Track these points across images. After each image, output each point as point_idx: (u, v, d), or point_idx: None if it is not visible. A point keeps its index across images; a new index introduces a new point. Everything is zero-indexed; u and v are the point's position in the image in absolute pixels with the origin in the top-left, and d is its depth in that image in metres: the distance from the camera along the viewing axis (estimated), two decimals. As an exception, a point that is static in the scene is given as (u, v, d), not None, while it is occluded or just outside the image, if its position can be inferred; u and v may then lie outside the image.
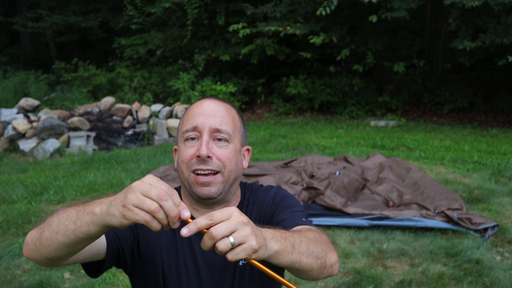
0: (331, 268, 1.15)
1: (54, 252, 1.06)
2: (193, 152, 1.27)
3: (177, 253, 1.34)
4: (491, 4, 9.19)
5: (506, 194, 5.29)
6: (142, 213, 0.91)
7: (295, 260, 1.04)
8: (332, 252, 1.17)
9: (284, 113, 12.34)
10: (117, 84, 13.56)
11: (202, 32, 13.19)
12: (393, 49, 12.01)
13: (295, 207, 1.38)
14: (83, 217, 0.99)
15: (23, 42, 19.57)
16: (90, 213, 0.98)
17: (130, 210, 0.91)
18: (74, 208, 1.04)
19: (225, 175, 1.28)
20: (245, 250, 0.93)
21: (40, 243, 1.06)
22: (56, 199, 5.34)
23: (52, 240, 1.03)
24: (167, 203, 0.91)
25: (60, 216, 1.04)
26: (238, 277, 1.33)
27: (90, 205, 1.01)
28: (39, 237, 1.07)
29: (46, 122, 8.01)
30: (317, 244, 1.12)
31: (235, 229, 0.93)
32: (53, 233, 1.03)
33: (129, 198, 0.92)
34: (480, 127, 10.39)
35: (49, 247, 1.05)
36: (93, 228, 0.99)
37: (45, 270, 3.61)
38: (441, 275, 3.50)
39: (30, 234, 1.11)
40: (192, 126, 1.29)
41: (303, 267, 1.06)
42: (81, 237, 1.01)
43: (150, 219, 0.91)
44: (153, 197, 0.91)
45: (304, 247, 1.07)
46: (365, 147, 8.08)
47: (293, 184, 5.17)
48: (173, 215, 0.92)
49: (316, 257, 1.10)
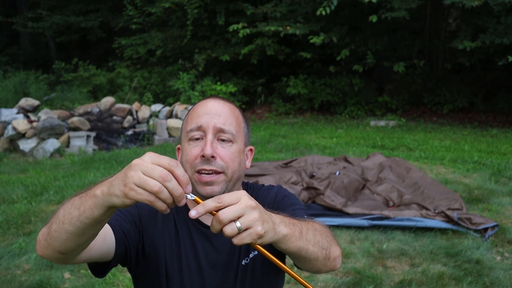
0: (334, 261, 1.16)
1: (64, 244, 1.05)
2: (198, 152, 1.27)
3: (180, 252, 1.34)
4: (491, 4, 9.19)
5: (506, 194, 5.29)
6: (146, 193, 0.89)
7: (302, 247, 1.04)
8: (336, 246, 1.18)
9: (284, 113, 12.34)
10: (117, 84, 13.56)
11: (202, 32, 13.20)
12: (393, 49, 12.02)
13: (297, 205, 1.39)
14: (85, 201, 0.99)
15: (23, 42, 19.56)
16: (92, 196, 0.97)
17: (132, 189, 0.89)
18: (78, 195, 1.04)
19: (228, 175, 1.28)
20: (250, 235, 0.93)
21: (50, 237, 1.05)
22: (56, 199, 5.34)
23: (60, 231, 1.03)
24: (170, 183, 0.89)
25: (65, 206, 1.04)
26: (241, 276, 1.33)
27: (92, 188, 1.00)
28: (48, 232, 1.06)
29: (46, 122, 8.01)
30: (322, 234, 1.13)
31: (242, 213, 0.93)
32: (60, 223, 1.02)
33: (130, 177, 0.90)
34: (480, 127, 10.39)
35: (59, 239, 1.04)
36: (96, 212, 0.97)
37: (45, 270, 3.61)
38: (441, 275, 3.50)
39: (41, 231, 1.11)
40: (197, 125, 1.29)
41: (309, 255, 1.07)
42: (87, 222, 0.99)
43: (154, 199, 0.89)
44: (155, 177, 0.89)
45: (311, 235, 1.08)
46: (365, 147, 8.08)
47: (293, 184, 5.17)
48: (178, 194, 0.90)
49: (322, 247, 1.10)
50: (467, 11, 9.87)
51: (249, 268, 1.33)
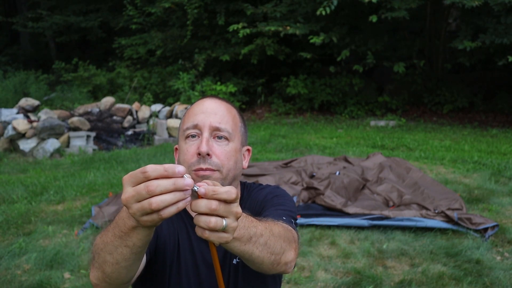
0: (285, 265, 1.14)
1: (127, 276, 1.06)
2: (194, 150, 1.28)
3: (179, 252, 1.35)
4: (491, 4, 9.19)
5: (506, 194, 5.29)
6: (155, 215, 0.86)
7: (247, 251, 1.02)
8: (292, 251, 1.15)
9: (284, 113, 12.34)
10: (117, 84, 13.56)
11: (202, 32, 13.20)
12: (393, 49, 12.02)
13: (282, 206, 1.36)
14: (129, 237, 0.95)
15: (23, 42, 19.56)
16: (132, 229, 0.93)
17: (143, 221, 0.87)
18: (110, 235, 0.99)
19: (224, 173, 1.29)
20: (221, 238, 0.89)
21: (110, 278, 1.05)
22: (56, 199, 5.34)
23: (119, 270, 1.03)
24: (159, 187, 0.84)
25: (107, 250, 1.01)
26: (233, 275, 1.34)
27: (123, 224, 0.95)
28: (103, 275, 1.05)
29: (46, 122, 8.01)
30: (278, 240, 1.10)
31: (228, 216, 0.90)
32: (114, 265, 1.01)
33: (133, 214, 0.87)
34: (480, 127, 10.39)
35: (120, 276, 1.04)
36: (145, 238, 0.95)
37: (45, 270, 3.61)
38: (441, 275, 3.50)
39: (93, 276, 1.09)
40: (193, 124, 1.30)
41: (253, 259, 1.05)
42: (140, 250, 0.99)
43: (164, 212, 0.86)
44: (146, 197, 0.85)
45: (262, 241, 1.04)
46: (365, 147, 8.08)
47: (293, 184, 5.17)
48: (173, 187, 0.85)
49: (272, 252, 1.08)
50: (467, 11, 9.87)
51: (240, 267, 1.33)
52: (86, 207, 5.02)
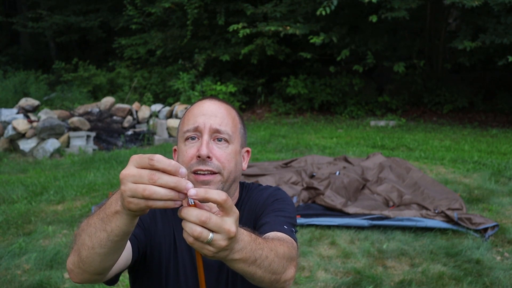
0: (284, 283, 1.13)
1: (101, 266, 1.04)
2: (194, 152, 1.27)
3: (177, 252, 1.35)
4: (491, 4, 9.19)
5: (506, 194, 5.29)
6: (142, 201, 0.86)
7: (249, 271, 1.02)
8: (291, 269, 1.14)
9: (284, 113, 12.34)
10: (117, 84, 13.56)
11: (202, 32, 13.20)
12: (393, 49, 12.01)
13: (282, 211, 1.35)
14: (109, 221, 0.96)
15: (23, 42, 19.57)
16: (115, 213, 0.94)
17: (130, 202, 0.87)
18: (95, 218, 1.00)
19: (224, 176, 1.28)
20: (206, 250, 0.89)
21: (84, 264, 1.04)
22: (56, 199, 5.34)
23: (93, 256, 1.02)
24: (161, 179, 0.84)
25: (88, 231, 1.01)
26: (231, 276, 1.33)
27: (108, 206, 0.97)
28: (79, 259, 1.05)
29: (46, 122, 8.01)
30: (281, 260, 1.09)
31: (219, 232, 0.88)
32: (89, 249, 1.01)
33: (123, 192, 0.87)
34: (480, 127, 10.39)
35: (94, 263, 1.03)
36: (125, 226, 0.95)
37: (45, 270, 3.61)
38: (441, 275, 3.50)
39: (69, 261, 1.10)
40: (193, 126, 1.29)
41: (255, 278, 1.05)
42: (117, 239, 0.98)
43: (153, 203, 0.86)
44: (145, 181, 0.85)
45: (267, 263, 1.04)
46: (365, 147, 8.08)
47: (293, 184, 5.17)
48: (173, 185, 0.85)
49: (274, 272, 1.07)
50: (467, 11, 9.87)
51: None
52: (86, 207, 5.02)
